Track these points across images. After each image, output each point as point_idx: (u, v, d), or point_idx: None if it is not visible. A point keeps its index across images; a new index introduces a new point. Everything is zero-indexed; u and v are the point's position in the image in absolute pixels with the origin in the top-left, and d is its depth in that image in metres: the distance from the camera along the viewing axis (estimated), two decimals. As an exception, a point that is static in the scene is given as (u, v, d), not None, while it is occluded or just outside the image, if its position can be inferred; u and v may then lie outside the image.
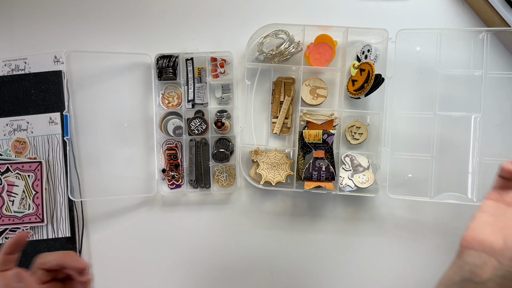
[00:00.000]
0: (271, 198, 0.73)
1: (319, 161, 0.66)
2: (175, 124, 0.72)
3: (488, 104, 0.68)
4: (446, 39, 0.70)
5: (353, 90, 0.69)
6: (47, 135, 0.73)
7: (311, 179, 0.67)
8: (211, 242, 0.73)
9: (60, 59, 0.74)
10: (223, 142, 0.72)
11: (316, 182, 0.67)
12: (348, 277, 0.72)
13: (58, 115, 0.73)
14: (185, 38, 0.74)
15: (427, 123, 0.68)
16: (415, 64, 0.72)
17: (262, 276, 0.72)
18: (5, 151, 0.73)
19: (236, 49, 0.73)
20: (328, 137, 0.67)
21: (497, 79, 0.70)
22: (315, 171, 0.66)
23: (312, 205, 0.73)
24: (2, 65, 0.74)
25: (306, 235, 0.72)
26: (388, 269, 0.72)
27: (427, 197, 0.67)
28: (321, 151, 0.65)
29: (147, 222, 0.73)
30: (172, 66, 0.72)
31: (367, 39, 0.72)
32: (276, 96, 0.73)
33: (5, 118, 0.73)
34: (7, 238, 0.71)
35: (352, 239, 0.72)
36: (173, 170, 0.72)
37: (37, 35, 0.75)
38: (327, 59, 0.71)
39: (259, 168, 0.69)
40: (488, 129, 0.70)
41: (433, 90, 0.69)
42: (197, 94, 0.73)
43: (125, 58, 0.74)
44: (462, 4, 0.75)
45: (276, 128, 0.72)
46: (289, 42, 0.69)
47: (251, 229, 0.73)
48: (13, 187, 0.72)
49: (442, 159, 0.71)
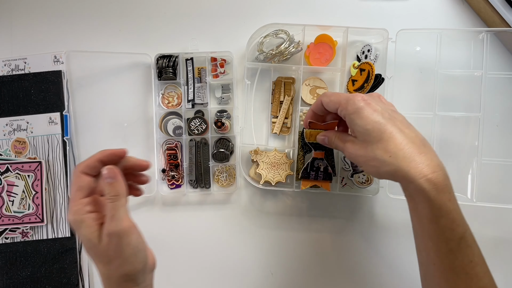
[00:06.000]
0: (271, 198, 0.73)
1: (318, 161, 0.66)
2: (175, 124, 0.72)
3: (488, 104, 0.68)
4: (446, 39, 0.70)
5: (353, 90, 0.69)
6: (47, 135, 0.73)
7: (308, 179, 0.67)
8: (211, 242, 0.73)
9: (60, 59, 0.74)
10: (223, 142, 0.72)
11: (313, 181, 0.67)
12: (348, 277, 0.72)
13: (58, 115, 0.73)
14: (185, 38, 0.74)
15: (427, 123, 0.68)
16: (415, 64, 0.72)
17: (262, 276, 0.72)
18: (4, 151, 0.73)
19: (236, 49, 0.73)
20: None
21: (497, 79, 0.70)
22: (313, 171, 0.66)
23: (312, 205, 0.73)
24: (2, 65, 0.74)
25: (306, 235, 0.72)
26: (388, 269, 0.72)
27: (427, 197, 0.67)
28: (321, 152, 0.65)
29: (147, 222, 0.73)
30: (172, 66, 0.72)
31: (367, 39, 0.72)
32: (276, 96, 0.73)
33: (4, 118, 0.73)
34: (7, 238, 0.71)
35: (352, 239, 0.72)
36: (173, 170, 0.72)
37: (37, 35, 0.75)
38: (327, 59, 0.71)
39: (259, 168, 0.69)
40: (488, 129, 0.70)
41: (433, 90, 0.69)
42: (197, 94, 0.73)
43: (125, 58, 0.74)
44: (462, 4, 0.75)
45: (276, 128, 0.72)
46: (289, 42, 0.69)
47: (251, 229, 0.73)
48: (13, 187, 0.71)
49: (442, 159, 0.71)
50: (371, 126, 0.49)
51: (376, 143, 0.49)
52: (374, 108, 0.49)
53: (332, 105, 0.53)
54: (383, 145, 0.48)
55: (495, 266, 0.72)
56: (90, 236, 0.45)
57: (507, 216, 0.71)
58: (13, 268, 0.71)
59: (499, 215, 0.71)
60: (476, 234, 0.76)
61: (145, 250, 0.49)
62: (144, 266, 0.48)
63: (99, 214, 0.47)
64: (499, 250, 0.71)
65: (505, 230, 0.72)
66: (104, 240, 0.44)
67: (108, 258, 0.45)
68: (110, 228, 0.44)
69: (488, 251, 0.71)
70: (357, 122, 0.50)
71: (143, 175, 0.54)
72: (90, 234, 0.45)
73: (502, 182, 0.71)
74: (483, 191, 0.67)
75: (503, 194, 0.71)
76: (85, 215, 0.45)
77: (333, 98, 0.53)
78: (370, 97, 0.52)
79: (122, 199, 0.46)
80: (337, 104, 0.52)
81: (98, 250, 0.45)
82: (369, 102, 0.50)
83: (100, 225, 0.46)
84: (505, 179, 0.71)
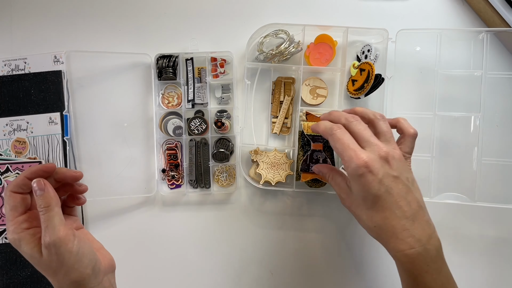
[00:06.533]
0: (271, 198, 0.73)
1: (317, 154, 0.66)
2: (175, 124, 0.72)
3: (488, 104, 0.68)
4: (446, 39, 0.70)
5: (353, 90, 0.69)
6: (47, 135, 0.73)
7: (308, 171, 0.67)
8: (211, 242, 0.73)
9: (60, 59, 0.74)
10: (223, 142, 0.72)
11: (312, 174, 0.67)
12: (348, 277, 0.72)
13: (58, 115, 0.73)
14: (185, 38, 0.74)
15: (427, 123, 0.68)
16: (415, 64, 0.72)
17: (262, 276, 0.72)
18: (5, 151, 0.73)
19: (236, 49, 0.73)
20: None
21: (497, 79, 0.70)
22: (313, 163, 0.66)
23: (312, 205, 0.73)
24: (2, 65, 0.74)
25: (306, 235, 0.72)
26: (388, 269, 0.72)
27: (427, 197, 0.67)
28: (320, 144, 0.65)
29: (147, 222, 0.73)
30: (172, 66, 0.72)
31: (367, 39, 0.72)
32: (276, 96, 0.73)
33: (5, 118, 0.73)
34: (6, 238, 0.71)
35: (352, 239, 0.72)
36: (173, 170, 0.72)
37: (37, 35, 0.75)
38: (327, 59, 0.71)
39: (259, 168, 0.69)
40: (488, 129, 0.70)
41: (433, 90, 0.69)
42: (197, 94, 0.73)
43: (125, 58, 0.74)
44: (462, 4, 0.75)
45: (276, 128, 0.72)
46: (289, 42, 0.69)
47: (251, 229, 0.73)
48: (13, 187, 0.71)
49: (442, 159, 0.71)
50: (366, 194, 0.49)
51: (366, 209, 0.50)
52: (374, 177, 0.48)
53: (336, 150, 0.51)
54: (371, 213, 0.50)
55: (495, 266, 0.72)
56: (31, 252, 0.45)
57: (507, 216, 0.71)
58: (13, 268, 0.71)
59: (499, 215, 0.71)
60: (476, 234, 0.76)
61: (93, 254, 0.48)
62: (93, 270, 0.47)
63: (37, 229, 0.47)
64: (499, 250, 0.71)
65: (505, 230, 0.72)
66: (44, 253, 0.45)
67: (52, 269, 0.45)
68: (46, 239, 0.44)
69: (488, 251, 0.72)
70: (354, 184, 0.50)
71: (80, 184, 0.54)
72: (31, 250, 0.45)
73: (502, 182, 0.71)
74: (483, 191, 0.67)
75: (503, 194, 0.71)
76: (22, 233, 0.46)
77: (339, 146, 0.50)
78: (377, 155, 0.49)
79: (54, 209, 0.46)
80: (340, 155, 0.51)
81: (42, 264, 0.45)
82: (371, 169, 0.48)
83: (39, 239, 0.46)
84: (505, 179, 0.71)
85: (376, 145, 0.49)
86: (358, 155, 0.48)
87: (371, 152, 0.49)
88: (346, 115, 0.53)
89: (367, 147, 0.50)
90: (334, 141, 0.51)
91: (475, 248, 0.71)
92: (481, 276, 0.71)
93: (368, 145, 0.50)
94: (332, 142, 0.52)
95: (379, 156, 0.49)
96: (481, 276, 0.71)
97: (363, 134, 0.50)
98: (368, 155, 0.48)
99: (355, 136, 0.51)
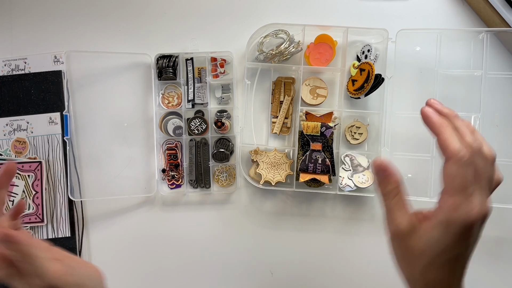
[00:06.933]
0: (271, 198, 0.73)
1: (316, 154, 0.66)
2: (175, 124, 0.72)
3: (488, 104, 0.68)
4: (446, 39, 0.70)
5: (353, 90, 0.69)
6: (47, 135, 0.73)
7: (307, 171, 0.67)
8: (211, 242, 0.73)
9: (60, 59, 0.74)
10: (223, 142, 0.72)
11: (311, 174, 0.67)
12: (348, 277, 0.72)
13: (58, 115, 0.73)
14: (185, 38, 0.74)
15: (427, 123, 0.68)
16: (415, 64, 0.72)
17: (262, 276, 0.72)
18: (5, 151, 0.73)
19: (236, 49, 0.73)
20: (326, 130, 0.67)
21: (497, 79, 0.70)
22: (311, 163, 0.66)
23: (312, 205, 0.73)
24: (2, 65, 0.74)
25: (306, 235, 0.72)
26: (388, 269, 0.72)
27: (427, 197, 0.67)
28: (319, 144, 0.65)
29: (147, 222, 0.73)
30: (172, 66, 0.72)
31: (367, 39, 0.72)
32: (276, 96, 0.73)
33: (5, 118, 0.73)
34: None
35: (352, 239, 0.72)
36: (173, 170, 0.72)
37: (37, 35, 0.75)
38: (327, 59, 0.71)
39: (259, 168, 0.69)
40: (488, 129, 0.70)
41: (433, 90, 0.69)
42: (197, 94, 0.73)
43: (125, 58, 0.74)
44: (462, 4, 0.75)
45: (276, 128, 0.72)
46: (289, 42, 0.69)
47: (251, 229, 0.73)
48: (13, 187, 0.71)
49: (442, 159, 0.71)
50: (458, 251, 0.40)
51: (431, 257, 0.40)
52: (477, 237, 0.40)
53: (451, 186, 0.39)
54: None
55: (495, 266, 0.72)
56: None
57: (507, 216, 0.71)
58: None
59: (499, 215, 0.71)
60: (476, 234, 0.74)
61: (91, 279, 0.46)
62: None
63: None
64: (499, 250, 0.71)
65: (505, 230, 0.72)
66: None
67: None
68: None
69: (488, 251, 0.72)
70: (440, 232, 0.39)
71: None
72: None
73: (502, 182, 0.71)
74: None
75: (503, 194, 0.71)
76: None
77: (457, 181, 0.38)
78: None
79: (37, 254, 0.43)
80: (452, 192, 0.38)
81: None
82: (483, 222, 0.39)
83: None
84: (505, 179, 0.71)
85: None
86: (480, 207, 0.37)
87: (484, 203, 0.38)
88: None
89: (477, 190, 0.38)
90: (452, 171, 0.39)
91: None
92: (481, 276, 0.71)
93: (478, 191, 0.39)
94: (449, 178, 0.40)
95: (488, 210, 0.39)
96: (481, 276, 0.71)
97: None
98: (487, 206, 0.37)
99: None
